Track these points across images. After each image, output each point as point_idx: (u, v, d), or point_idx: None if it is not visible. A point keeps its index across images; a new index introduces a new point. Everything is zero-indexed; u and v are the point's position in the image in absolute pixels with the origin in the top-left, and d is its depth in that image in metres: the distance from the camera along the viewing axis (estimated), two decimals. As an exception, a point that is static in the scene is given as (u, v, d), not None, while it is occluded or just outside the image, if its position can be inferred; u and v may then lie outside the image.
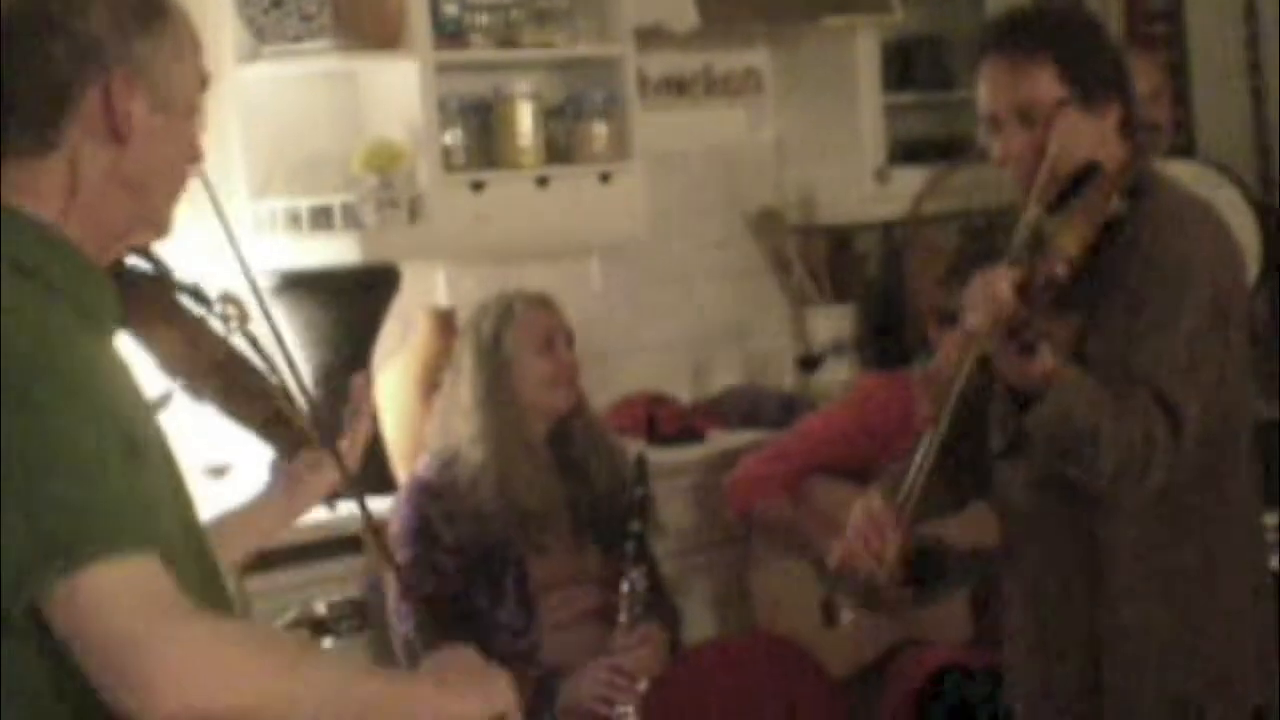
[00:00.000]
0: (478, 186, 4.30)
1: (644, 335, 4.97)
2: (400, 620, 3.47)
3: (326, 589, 3.35)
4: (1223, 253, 2.67)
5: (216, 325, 2.16)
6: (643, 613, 3.43)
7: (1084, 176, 2.61)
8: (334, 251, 4.14)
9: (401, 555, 3.49)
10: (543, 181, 4.39)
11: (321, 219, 4.16)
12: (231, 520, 2.34)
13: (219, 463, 3.84)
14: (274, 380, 2.24)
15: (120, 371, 1.84)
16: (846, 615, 3.00)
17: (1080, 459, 2.52)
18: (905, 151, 5.12)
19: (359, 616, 2.98)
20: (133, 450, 1.72)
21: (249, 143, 4.19)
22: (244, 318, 2.16)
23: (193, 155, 1.95)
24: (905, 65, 5.15)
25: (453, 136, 4.33)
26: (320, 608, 2.95)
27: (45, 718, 1.69)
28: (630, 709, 3.34)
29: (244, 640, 1.72)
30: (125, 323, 1.94)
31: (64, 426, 1.66)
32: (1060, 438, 2.52)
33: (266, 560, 3.63)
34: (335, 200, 4.17)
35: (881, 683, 3.78)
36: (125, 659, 1.61)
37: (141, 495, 1.69)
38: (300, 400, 2.32)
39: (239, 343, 2.17)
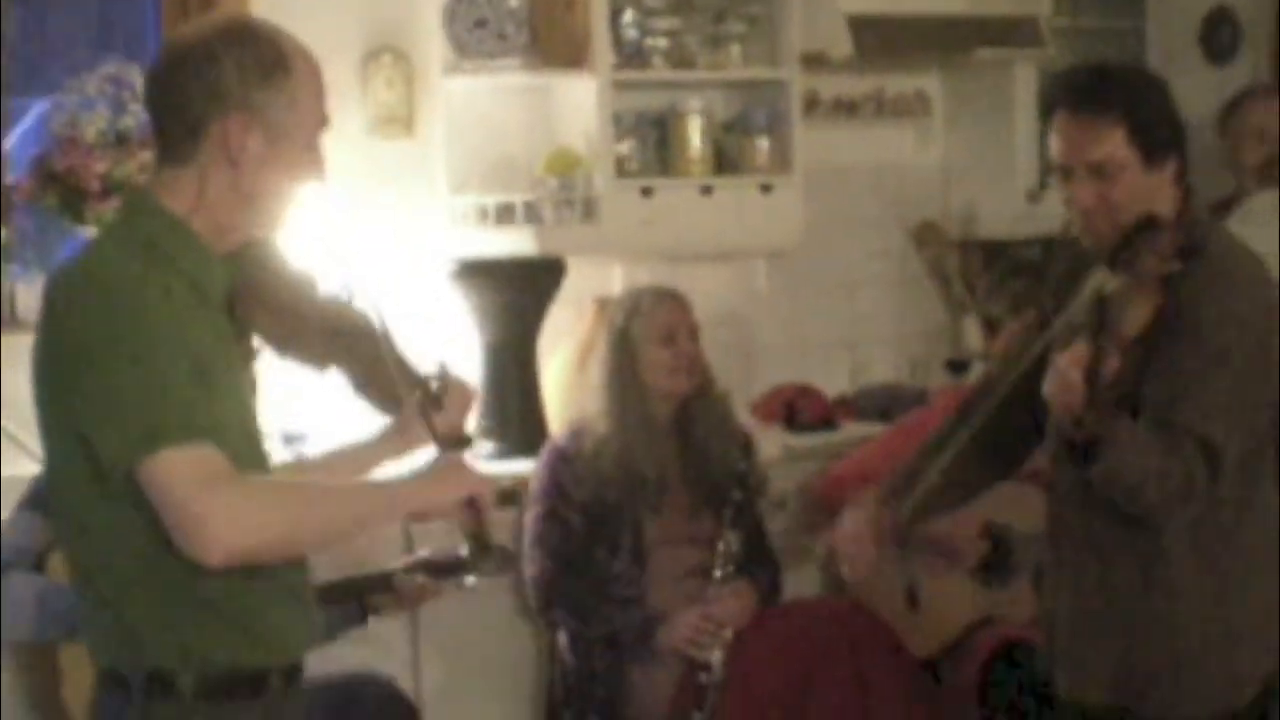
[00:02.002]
0: (647, 192, 4.82)
1: (805, 334, 5.44)
2: (530, 564, 4.00)
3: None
4: (1267, 304, 2.90)
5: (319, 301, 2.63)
6: (735, 571, 3.91)
7: (1142, 229, 2.81)
8: (513, 244, 4.70)
9: (534, 509, 4.03)
10: (707, 190, 4.89)
11: (506, 214, 4.73)
12: (349, 451, 2.80)
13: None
14: (375, 350, 2.63)
15: (210, 326, 2.38)
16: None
17: (1128, 497, 2.84)
18: (1063, 174, 5.45)
19: (499, 560, 3.46)
20: (202, 378, 2.28)
21: (450, 146, 4.76)
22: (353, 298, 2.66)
23: (307, 175, 2.48)
24: (1068, 94, 5.49)
25: (628, 146, 4.86)
26: (462, 550, 3.42)
27: (148, 556, 2.28)
28: (717, 652, 3.83)
29: (266, 494, 2.29)
30: (230, 293, 2.47)
31: (147, 359, 2.24)
32: (1114, 485, 2.83)
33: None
34: (518, 198, 4.74)
35: (959, 660, 4.20)
36: (184, 519, 2.20)
37: (203, 403, 2.26)
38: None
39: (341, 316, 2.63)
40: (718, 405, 4.17)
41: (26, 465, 4.16)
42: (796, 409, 4.95)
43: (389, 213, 4.77)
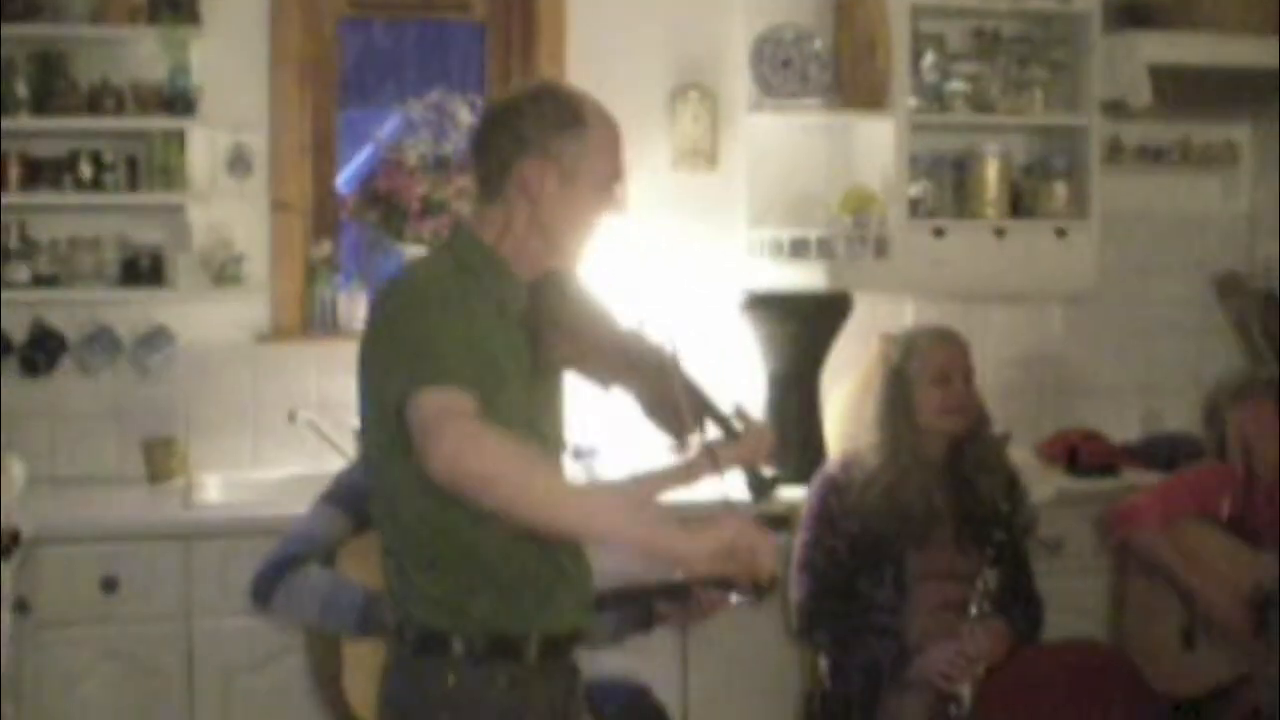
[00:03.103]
0: (939, 232, 4.92)
1: (1099, 378, 5.45)
2: (795, 588, 4.14)
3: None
4: None
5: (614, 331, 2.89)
6: (993, 609, 3.98)
7: None
8: (806, 277, 4.87)
9: (803, 535, 4.17)
10: (1000, 232, 4.96)
11: (800, 249, 4.89)
12: (645, 476, 3.15)
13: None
14: (665, 378, 2.87)
15: (505, 337, 2.70)
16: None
17: None
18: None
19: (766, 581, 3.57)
20: (495, 373, 2.62)
21: (753, 180, 4.96)
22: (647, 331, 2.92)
23: (602, 215, 2.79)
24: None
25: (922, 187, 4.97)
26: None
27: (436, 535, 2.65)
28: (966, 686, 3.92)
29: (504, 443, 2.48)
30: (529, 313, 2.75)
31: (436, 326, 2.59)
32: None
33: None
34: (813, 234, 4.89)
35: (1220, 709, 4.19)
36: (425, 437, 2.48)
37: (472, 369, 2.55)
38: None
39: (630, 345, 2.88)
40: (990, 445, 4.23)
41: (336, 462, 4.48)
42: (1079, 452, 4.97)
43: (690, 243, 4.98)
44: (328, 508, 3.73)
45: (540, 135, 2.73)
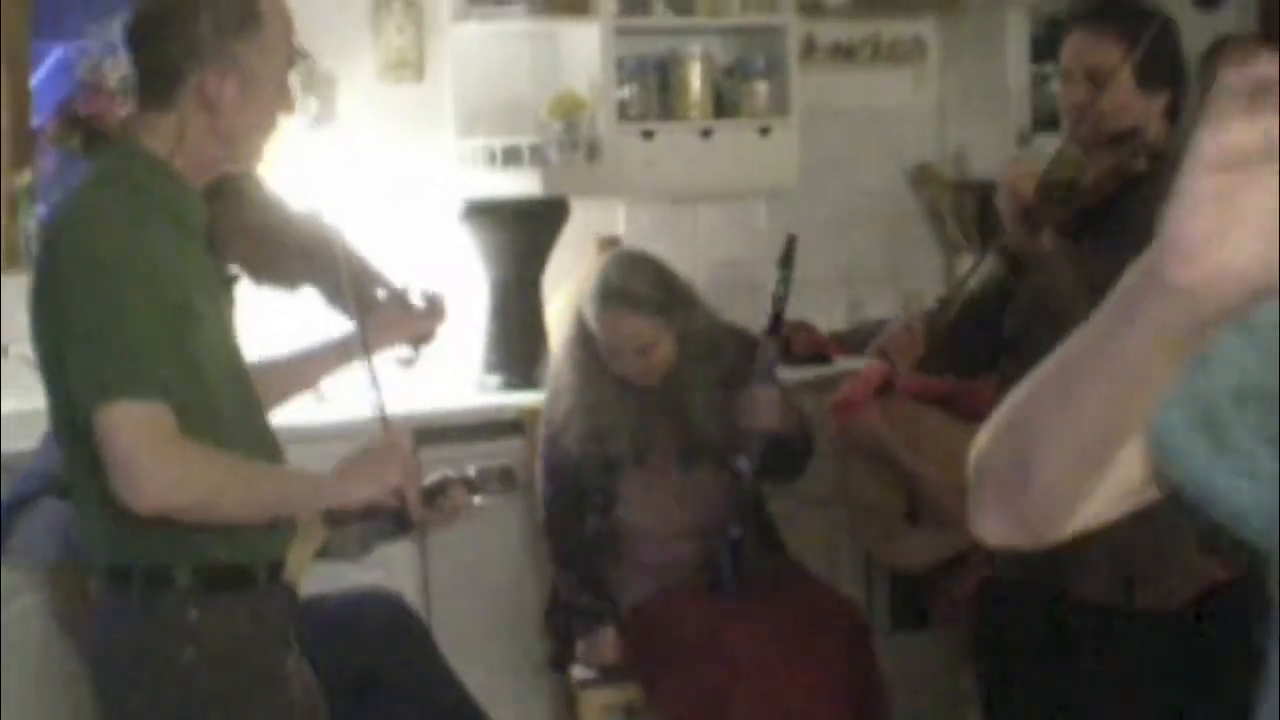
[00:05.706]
0: (648, 135, 5.01)
1: (804, 271, 5.57)
2: (539, 482, 4.16)
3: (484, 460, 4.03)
4: None
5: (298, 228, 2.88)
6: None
7: (1122, 136, 3.28)
8: (520, 185, 4.90)
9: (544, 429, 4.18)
10: (706, 133, 5.07)
11: (512, 156, 4.93)
12: (318, 351, 3.06)
13: (407, 356, 4.63)
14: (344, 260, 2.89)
15: (193, 258, 2.62)
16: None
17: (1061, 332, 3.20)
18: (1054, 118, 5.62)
19: (505, 481, 3.58)
20: (186, 318, 2.52)
21: (459, 90, 4.96)
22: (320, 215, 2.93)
23: (279, 111, 2.70)
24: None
25: (630, 91, 5.04)
26: (470, 470, 3.56)
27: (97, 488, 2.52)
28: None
29: (201, 465, 2.49)
30: (210, 224, 2.69)
31: (125, 309, 2.46)
32: (1044, 304, 3.24)
33: (439, 435, 4.42)
34: (524, 141, 4.92)
35: (946, 584, 4.41)
36: (124, 470, 2.42)
37: (168, 355, 2.47)
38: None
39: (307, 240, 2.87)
40: (701, 375, 4.13)
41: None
42: (792, 343, 5.12)
43: (399, 155, 4.96)
44: (54, 443, 3.66)
45: (218, 41, 2.58)
